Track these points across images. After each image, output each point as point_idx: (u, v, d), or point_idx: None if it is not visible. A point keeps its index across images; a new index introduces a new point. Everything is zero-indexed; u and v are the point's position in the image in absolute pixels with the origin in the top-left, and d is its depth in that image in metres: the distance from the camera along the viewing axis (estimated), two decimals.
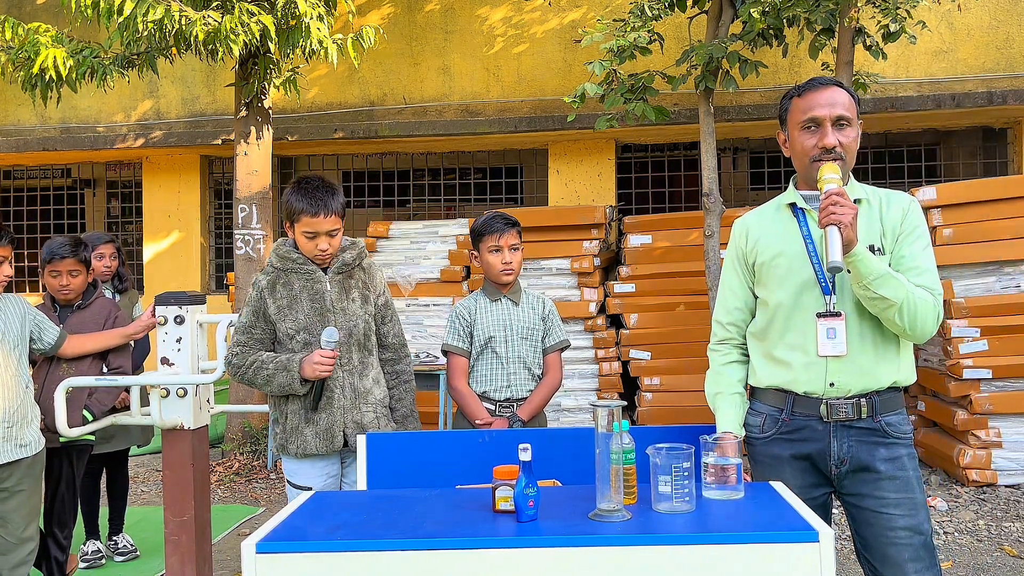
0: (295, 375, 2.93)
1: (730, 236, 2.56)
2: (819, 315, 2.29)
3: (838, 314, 2.28)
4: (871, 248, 2.29)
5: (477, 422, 3.25)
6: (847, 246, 2.15)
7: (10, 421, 3.03)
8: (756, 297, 2.47)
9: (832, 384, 2.29)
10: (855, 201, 2.32)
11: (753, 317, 2.49)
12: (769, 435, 2.39)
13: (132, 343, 3.88)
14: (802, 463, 2.35)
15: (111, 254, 4.47)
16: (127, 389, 4.15)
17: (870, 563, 2.32)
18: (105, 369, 3.64)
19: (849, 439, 2.30)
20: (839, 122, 2.33)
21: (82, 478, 4.46)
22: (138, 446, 4.52)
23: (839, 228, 2.13)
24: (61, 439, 3.22)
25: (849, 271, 2.20)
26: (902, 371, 2.34)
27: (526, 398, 3.33)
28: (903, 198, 2.40)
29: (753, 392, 2.49)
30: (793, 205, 2.42)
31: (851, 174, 2.40)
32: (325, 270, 3.08)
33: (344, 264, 3.10)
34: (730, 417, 2.42)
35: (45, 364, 3.48)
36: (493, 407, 3.32)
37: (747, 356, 2.51)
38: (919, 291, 2.25)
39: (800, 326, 2.32)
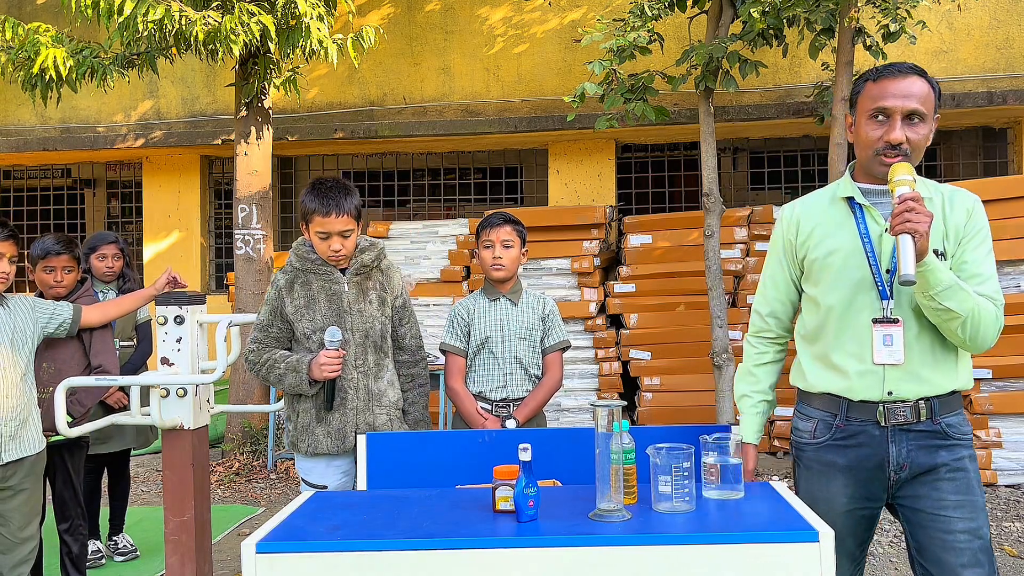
0: (303, 376, 2.96)
1: (776, 224, 2.40)
2: (875, 321, 2.15)
3: (895, 320, 2.13)
4: (934, 252, 2.10)
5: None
6: (919, 255, 1.98)
7: (17, 420, 3.05)
8: (800, 292, 2.36)
9: (890, 392, 2.15)
10: None
11: (794, 311, 2.38)
12: (822, 441, 2.25)
13: (117, 343, 3.84)
14: (857, 474, 2.21)
15: (113, 255, 4.46)
16: (124, 389, 4.16)
17: (925, 568, 2.18)
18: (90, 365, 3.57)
19: (908, 443, 2.17)
20: (911, 117, 2.14)
21: (83, 478, 4.47)
22: (135, 448, 4.52)
23: (914, 237, 1.95)
24: (52, 438, 3.22)
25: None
26: (960, 378, 2.21)
27: (523, 398, 3.31)
28: (967, 197, 2.23)
29: (801, 394, 2.35)
30: (850, 199, 2.24)
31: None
32: (343, 271, 3.07)
33: (362, 266, 3.09)
34: (752, 426, 2.37)
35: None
36: (490, 407, 3.30)
37: (783, 353, 2.43)
38: (983, 301, 2.11)
39: (854, 330, 2.18)
